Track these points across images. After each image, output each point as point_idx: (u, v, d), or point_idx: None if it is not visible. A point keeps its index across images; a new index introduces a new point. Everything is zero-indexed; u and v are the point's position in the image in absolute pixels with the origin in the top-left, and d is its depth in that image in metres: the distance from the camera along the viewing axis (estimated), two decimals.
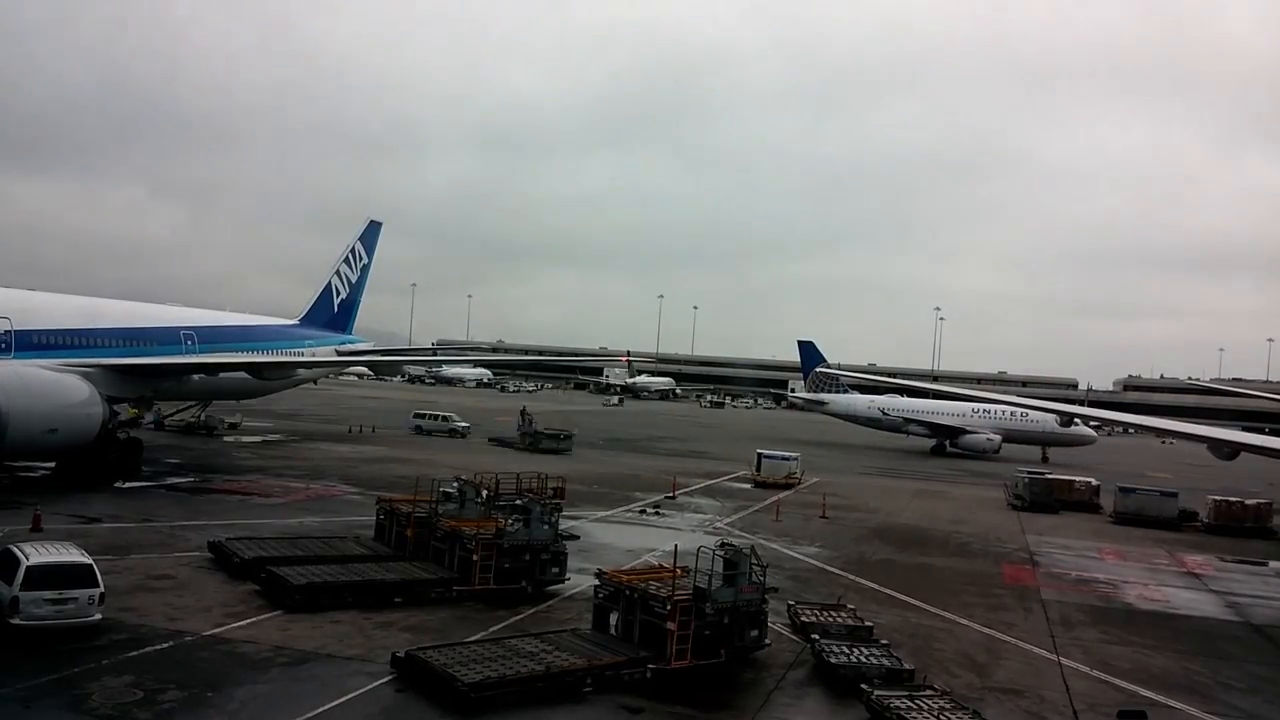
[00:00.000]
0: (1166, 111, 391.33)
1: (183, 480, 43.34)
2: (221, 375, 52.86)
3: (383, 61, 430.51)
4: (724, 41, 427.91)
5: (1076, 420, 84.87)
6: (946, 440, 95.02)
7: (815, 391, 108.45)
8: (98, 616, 19.83)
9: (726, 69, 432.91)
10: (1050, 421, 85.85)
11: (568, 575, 26.86)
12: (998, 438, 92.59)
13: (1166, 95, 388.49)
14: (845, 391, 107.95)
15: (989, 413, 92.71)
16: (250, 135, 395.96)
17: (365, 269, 75.86)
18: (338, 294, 73.03)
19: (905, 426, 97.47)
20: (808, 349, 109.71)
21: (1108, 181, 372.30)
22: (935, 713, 17.64)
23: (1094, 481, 59.53)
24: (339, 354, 70.96)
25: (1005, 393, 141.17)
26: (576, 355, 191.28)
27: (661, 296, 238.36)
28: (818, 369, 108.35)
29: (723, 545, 21.55)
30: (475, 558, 25.10)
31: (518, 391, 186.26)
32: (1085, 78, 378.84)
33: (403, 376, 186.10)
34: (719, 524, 40.85)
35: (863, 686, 19.20)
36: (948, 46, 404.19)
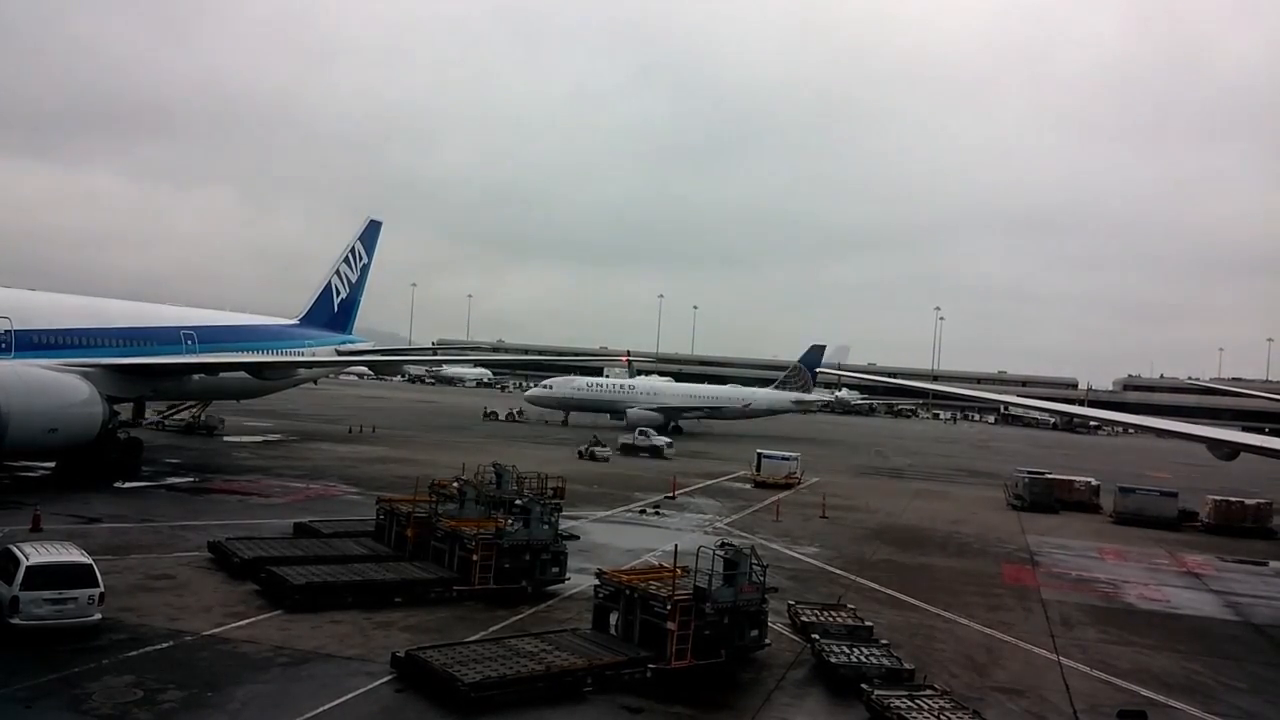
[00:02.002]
0: (1169, 113, 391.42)
1: (183, 480, 43.33)
2: (221, 375, 52.88)
3: (384, 53, 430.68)
4: (730, 39, 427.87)
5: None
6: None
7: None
8: (98, 616, 19.82)
9: (730, 65, 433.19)
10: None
11: (568, 575, 26.86)
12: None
13: (1172, 101, 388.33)
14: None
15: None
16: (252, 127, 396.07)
17: (365, 269, 75.81)
18: (337, 294, 73.00)
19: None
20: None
21: (1107, 179, 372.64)
22: (935, 713, 17.64)
23: (1094, 481, 59.58)
24: (339, 354, 70.91)
25: (1005, 392, 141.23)
26: (576, 355, 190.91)
27: (661, 296, 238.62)
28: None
29: (723, 545, 21.54)
30: (475, 558, 25.09)
31: (519, 389, 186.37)
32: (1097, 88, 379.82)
33: (403, 376, 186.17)
34: (719, 524, 40.84)
35: (863, 686, 19.20)
36: (955, 58, 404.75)
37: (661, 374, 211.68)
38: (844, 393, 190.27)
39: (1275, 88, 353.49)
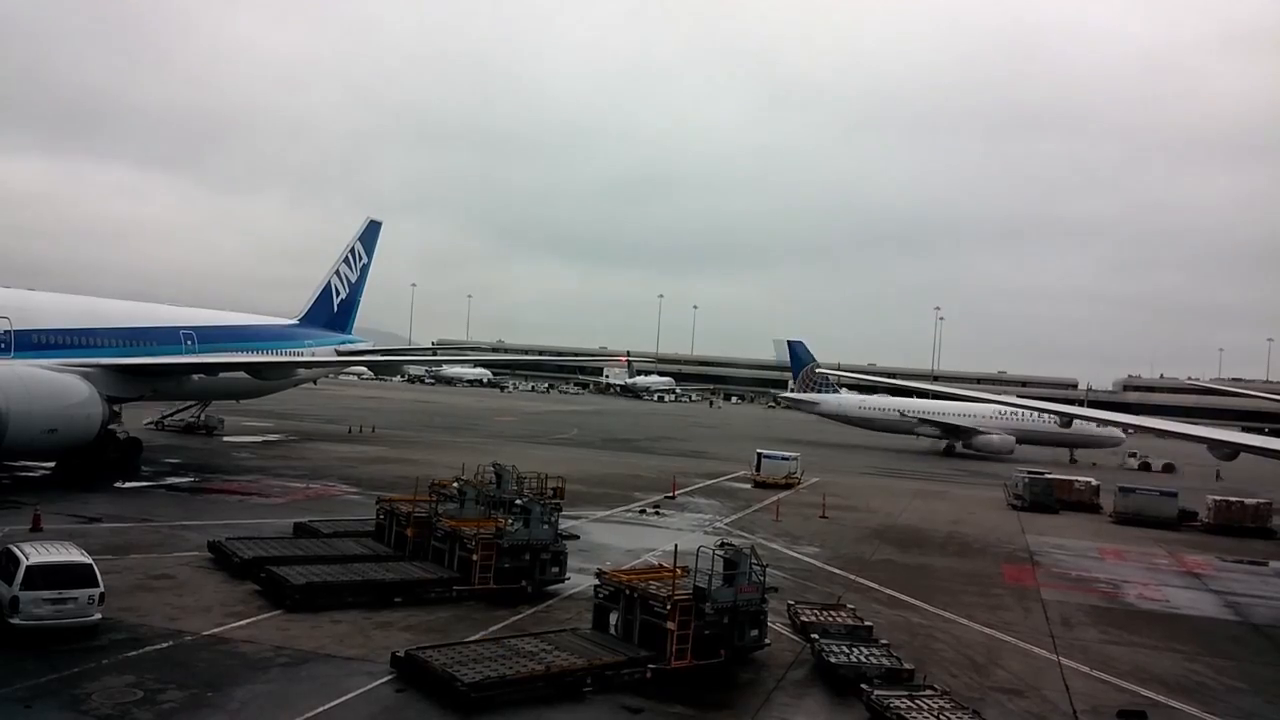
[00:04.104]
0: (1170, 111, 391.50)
1: (182, 480, 43.32)
2: (221, 375, 52.90)
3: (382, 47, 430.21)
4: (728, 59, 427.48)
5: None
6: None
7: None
8: (97, 616, 19.81)
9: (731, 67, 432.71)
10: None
11: (568, 575, 26.84)
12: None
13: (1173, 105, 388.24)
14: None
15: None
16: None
17: (365, 269, 75.91)
18: (337, 294, 73.05)
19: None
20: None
21: (1108, 177, 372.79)
22: (935, 712, 17.63)
23: (1094, 481, 59.56)
24: (339, 354, 70.98)
25: (1004, 393, 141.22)
26: (576, 355, 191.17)
27: (661, 296, 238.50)
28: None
29: (723, 545, 21.55)
30: (475, 557, 25.09)
31: (519, 390, 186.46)
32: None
33: (403, 377, 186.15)
34: (719, 524, 40.83)
35: (863, 686, 19.19)
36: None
37: (661, 374, 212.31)
38: (844, 393, 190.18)
39: (1275, 86, 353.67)
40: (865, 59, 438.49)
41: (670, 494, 48.32)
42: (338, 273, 73.12)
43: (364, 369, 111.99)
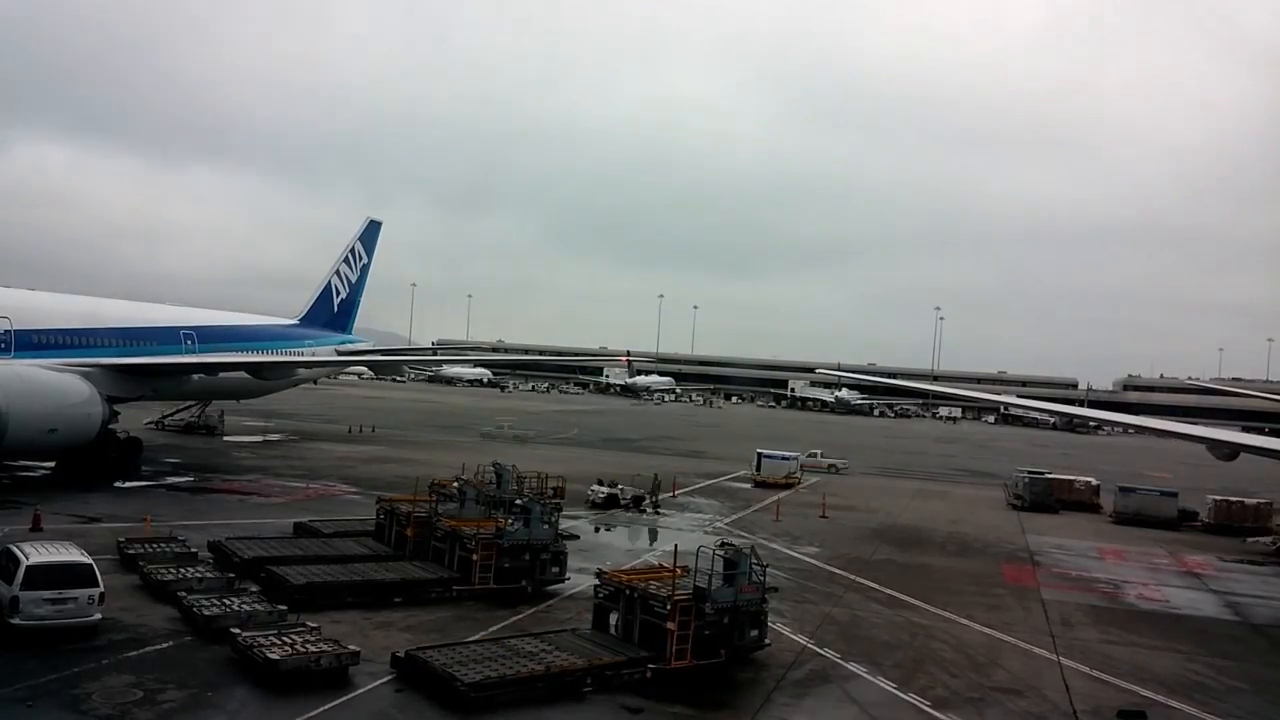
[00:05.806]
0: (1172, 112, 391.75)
1: (182, 480, 43.33)
2: (221, 375, 52.89)
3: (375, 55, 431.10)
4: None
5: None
6: None
7: None
8: (97, 616, 19.81)
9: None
10: None
11: (568, 575, 26.86)
12: None
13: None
14: None
15: None
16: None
17: (365, 269, 75.88)
18: (337, 294, 73.02)
19: None
20: None
21: (1108, 178, 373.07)
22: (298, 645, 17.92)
23: (1094, 481, 59.56)
24: (339, 354, 70.96)
25: (1004, 393, 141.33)
26: (576, 355, 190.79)
27: (661, 296, 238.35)
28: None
29: (723, 545, 21.54)
30: (475, 557, 25.11)
31: (519, 390, 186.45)
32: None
33: (403, 377, 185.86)
34: (719, 524, 40.82)
35: (233, 630, 19.04)
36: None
37: (662, 374, 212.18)
38: (844, 393, 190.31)
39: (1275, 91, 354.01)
40: (869, 66, 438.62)
41: (670, 494, 48.29)
42: (338, 273, 73.09)
43: (364, 369, 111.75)
